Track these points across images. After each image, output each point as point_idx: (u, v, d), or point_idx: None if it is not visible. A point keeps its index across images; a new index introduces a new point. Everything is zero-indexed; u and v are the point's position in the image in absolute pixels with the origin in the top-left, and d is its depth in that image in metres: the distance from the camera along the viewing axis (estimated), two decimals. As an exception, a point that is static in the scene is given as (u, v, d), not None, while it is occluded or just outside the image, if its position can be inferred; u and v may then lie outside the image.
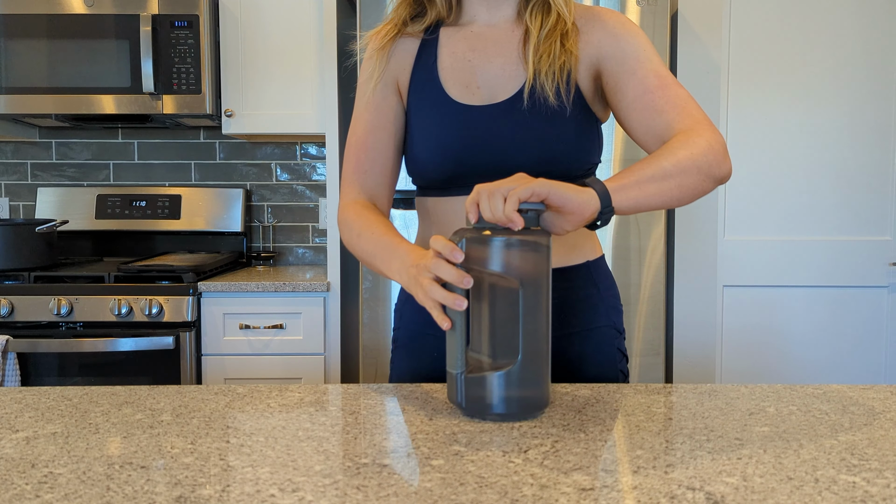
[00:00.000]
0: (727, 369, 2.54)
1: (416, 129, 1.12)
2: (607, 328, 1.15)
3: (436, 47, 1.14)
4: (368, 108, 1.15)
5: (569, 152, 1.07)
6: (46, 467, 0.72)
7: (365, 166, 1.15)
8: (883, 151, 2.50)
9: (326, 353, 2.44)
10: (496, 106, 1.08)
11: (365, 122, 1.16)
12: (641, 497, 0.64)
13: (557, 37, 1.07)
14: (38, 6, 2.50)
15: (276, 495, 0.65)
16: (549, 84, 1.06)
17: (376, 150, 1.15)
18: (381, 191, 1.16)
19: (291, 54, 2.61)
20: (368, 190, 1.15)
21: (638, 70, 1.05)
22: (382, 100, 1.15)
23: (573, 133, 1.08)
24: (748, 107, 2.49)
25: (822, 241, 2.52)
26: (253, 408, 0.91)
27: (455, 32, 1.14)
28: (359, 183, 1.15)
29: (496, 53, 1.11)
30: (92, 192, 2.90)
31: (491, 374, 0.84)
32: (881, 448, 0.77)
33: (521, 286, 0.83)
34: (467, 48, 1.12)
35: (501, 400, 0.84)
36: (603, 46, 1.09)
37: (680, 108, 1.02)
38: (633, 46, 1.07)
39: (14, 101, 2.52)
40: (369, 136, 1.15)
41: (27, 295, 2.31)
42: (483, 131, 1.07)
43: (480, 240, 0.83)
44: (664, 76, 1.05)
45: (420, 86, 1.13)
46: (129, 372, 2.34)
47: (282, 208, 3.00)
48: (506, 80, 1.09)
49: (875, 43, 2.48)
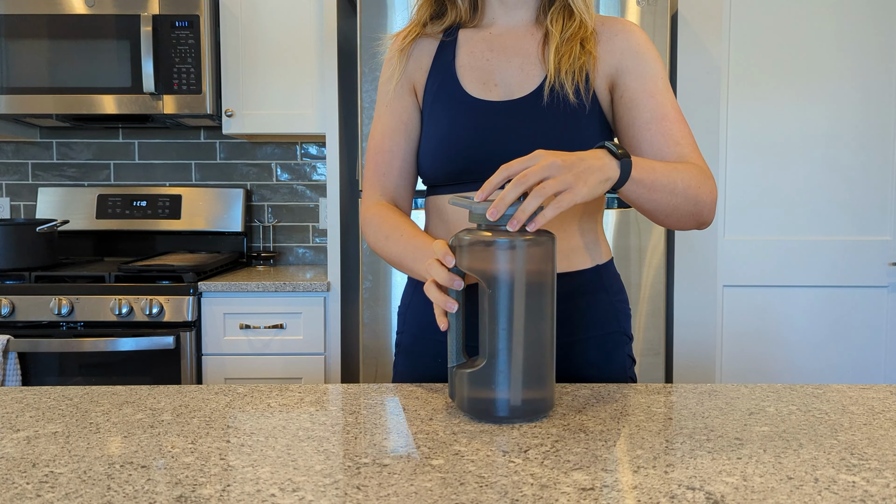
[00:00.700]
0: (727, 369, 2.54)
1: (430, 124, 1.12)
2: (618, 334, 1.14)
3: (454, 48, 1.14)
4: (386, 111, 1.16)
5: None
6: (47, 467, 0.72)
7: (383, 169, 1.16)
8: (883, 151, 2.50)
9: (327, 353, 2.44)
10: (513, 102, 1.08)
11: (383, 124, 1.16)
12: (641, 497, 0.64)
13: (577, 40, 1.08)
14: (38, 6, 2.50)
15: (276, 495, 0.65)
16: (569, 83, 1.06)
17: (393, 153, 1.15)
18: (401, 192, 1.17)
19: (292, 54, 2.61)
20: (389, 192, 1.16)
21: (656, 95, 1.07)
22: (399, 102, 1.15)
23: (590, 134, 1.08)
24: (748, 107, 2.50)
25: (822, 241, 2.52)
26: (253, 407, 0.91)
27: (474, 34, 1.14)
28: (379, 185, 1.16)
29: (515, 54, 1.11)
30: (92, 192, 2.90)
31: (491, 376, 0.83)
32: (881, 448, 0.77)
33: (526, 287, 0.82)
34: (486, 48, 1.13)
35: (504, 403, 0.83)
36: (625, 59, 1.09)
37: (693, 148, 1.06)
38: (654, 70, 1.09)
39: (15, 101, 2.52)
40: (386, 139, 1.16)
41: (28, 295, 2.31)
42: (499, 127, 1.07)
43: (481, 241, 0.82)
44: (679, 112, 1.08)
45: (437, 84, 1.13)
46: (129, 372, 2.34)
47: (282, 208, 3.00)
48: (524, 78, 1.10)
49: (875, 43, 2.48)
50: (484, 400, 0.84)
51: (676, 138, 1.05)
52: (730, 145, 2.50)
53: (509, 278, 0.82)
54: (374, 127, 1.18)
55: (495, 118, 1.08)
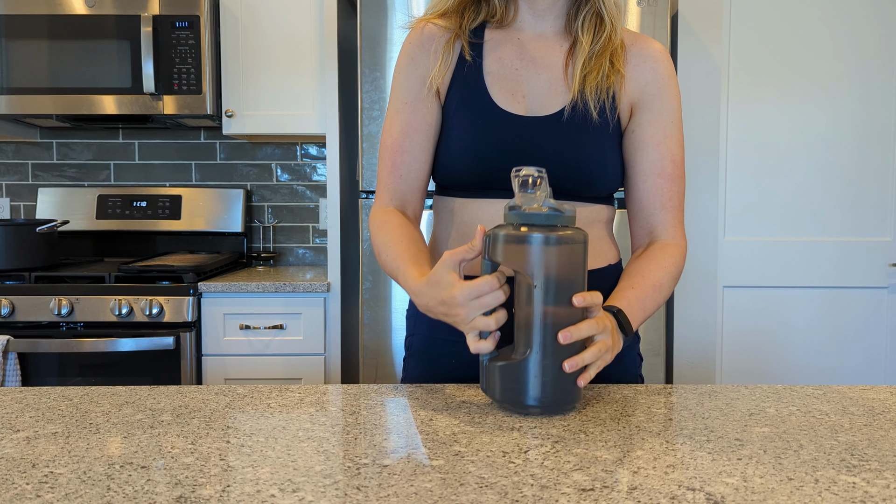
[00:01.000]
0: (727, 370, 2.54)
1: (453, 129, 1.10)
2: None
3: (481, 50, 1.11)
4: (407, 108, 1.12)
5: (604, 175, 1.09)
6: (47, 467, 0.72)
7: (401, 170, 1.12)
8: (883, 152, 2.50)
9: (327, 354, 2.44)
10: (540, 119, 1.07)
11: (402, 122, 1.12)
12: (642, 497, 0.64)
13: (606, 56, 1.07)
14: (39, 7, 2.50)
15: (276, 495, 0.65)
16: (594, 102, 1.06)
17: (412, 154, 1.12)
18: (414, 195, 1.14)
19: (292, 54, 2.61)
20: (402, 194, 1.13)
21: (662, 144, 1.10)
22: (421, 100, 1.11)
23: (611, 156, 1.09)
24: (748, 107, 2.49)
25: (822, 242, 2.52)
26: (253, 408, 0.91)
27: (503, 37, 1.12)
28: (393, 187, 1.13)
29: (544, 66, 1.10)
30: (92, 193, 2.90)
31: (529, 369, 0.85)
32: (881, 448, 0.77)
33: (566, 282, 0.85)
34: (515, 56, 1.11)
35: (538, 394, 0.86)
36: (646, 93, 1.10)
37: (676, 213, 1.12)
38: (670, 110, 1.11)
39: (15, 101, 2.52)
40: (405, 139, 1.12)
41: (28, 295, 2.31)
42: (524, 142, 1.06)
43: (517, 237, 0.85)
44: (678, 163, 1.11)
45: (463, 87, 1.10)
46: (129, 372, 2.34)
47: (282, 209, 3.01)
48: (552, 94, 1.09)
49: (875, 43, 2.48)
50: (518, 391, 0.87)
51: (664, 200, 1.11)
52: (730, 146, 2.50)
53: (551, 273, 0.85)
54: (391, 125, 1.13)
55: (520, 133, 1.07)
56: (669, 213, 1.11)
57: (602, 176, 1.08)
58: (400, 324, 2.29)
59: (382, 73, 2.25)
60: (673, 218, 1.12)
